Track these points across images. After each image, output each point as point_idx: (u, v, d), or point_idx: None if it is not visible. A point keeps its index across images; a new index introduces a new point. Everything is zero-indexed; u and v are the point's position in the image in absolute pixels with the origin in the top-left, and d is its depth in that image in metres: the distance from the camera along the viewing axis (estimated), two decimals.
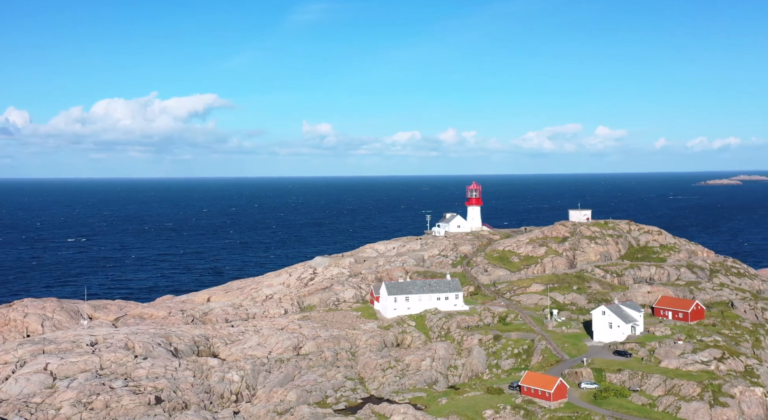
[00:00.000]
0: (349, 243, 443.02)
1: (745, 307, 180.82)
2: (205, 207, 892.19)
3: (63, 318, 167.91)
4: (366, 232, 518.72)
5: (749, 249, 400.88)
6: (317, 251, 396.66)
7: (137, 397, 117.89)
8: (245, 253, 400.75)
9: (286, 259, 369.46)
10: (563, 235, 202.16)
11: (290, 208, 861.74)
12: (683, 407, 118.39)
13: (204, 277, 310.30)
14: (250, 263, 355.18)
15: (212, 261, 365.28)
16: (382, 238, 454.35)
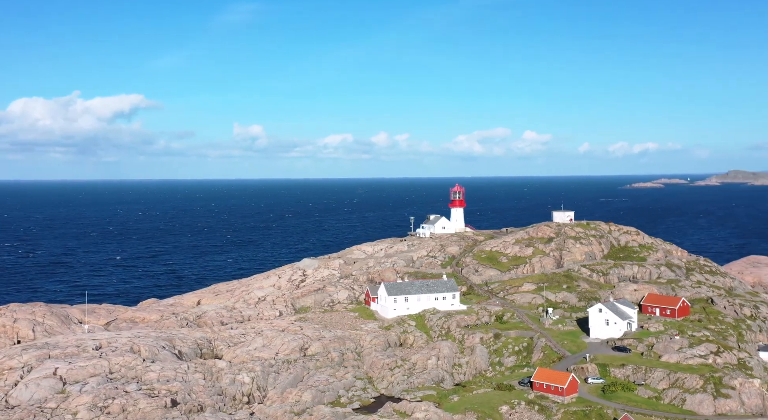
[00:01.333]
0: (304, 245, 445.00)
1: (725, 304, 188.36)
2: (140, 210, 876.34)
3: (54, 323, 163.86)
4: (319, 235, 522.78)
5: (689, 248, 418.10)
6: (277, 254, 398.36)
7: (153, 401, 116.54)
8: (201, 256, 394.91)
9: (247, 262, 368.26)
10: (548, 235, 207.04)
11: (233, 211, 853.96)
12: (688, 399, 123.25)
13: (166, 281, 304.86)
14: (208, 267, 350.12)
15: (169, 265, 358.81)
16: (337, 240, 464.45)
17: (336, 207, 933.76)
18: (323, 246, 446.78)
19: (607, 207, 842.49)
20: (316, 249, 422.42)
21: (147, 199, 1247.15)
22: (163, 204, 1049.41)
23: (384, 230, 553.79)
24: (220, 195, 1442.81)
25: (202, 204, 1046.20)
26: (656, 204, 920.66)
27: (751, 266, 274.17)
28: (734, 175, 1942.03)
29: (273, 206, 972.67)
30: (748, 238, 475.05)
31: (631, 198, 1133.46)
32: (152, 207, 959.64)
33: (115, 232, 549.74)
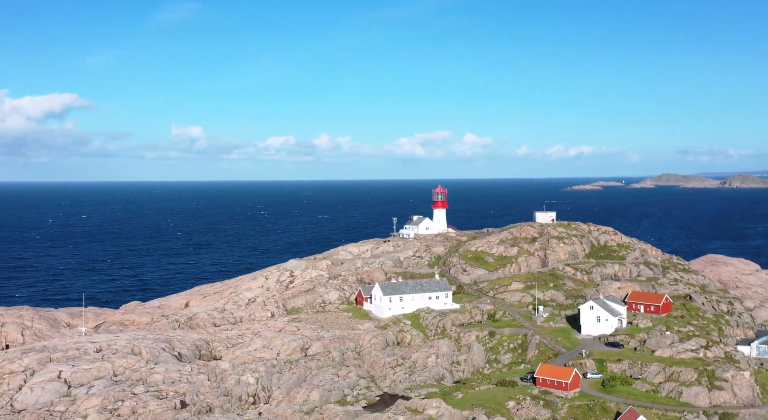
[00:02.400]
0: (265, 247, 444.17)
1: (702, 300, 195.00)
2: (84, 213, 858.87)
3: (43, 326, 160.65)
4: (276, 237, 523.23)
5: None
6: (239, 256, 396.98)
7: (162, 402, 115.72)
8: (161, 259, 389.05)
9: (210, 265, 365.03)
10: (532, 235, 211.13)
11: (182, 213, 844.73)
12: (684, 392, 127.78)
13: (131, 285, 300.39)
14: (171, 271, 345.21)
15: (129, 268, 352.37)
16: (297, 241, 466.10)
17: (288, 209, 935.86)
18: (286, 247, 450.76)
19: (553, 209, 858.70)
20: (279, 251, 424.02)
21: (85, 201, 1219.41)
22: (105, 206, 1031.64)
23: (345, 231, 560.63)
24: (162, 197, 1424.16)
25: (147, 206, 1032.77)
26: (598, 206, 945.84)
27: (710, 265, 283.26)
28: (667, 178, 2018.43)
29: (221, 208, 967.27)
30: (692, 239, 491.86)
31: (573, 200, 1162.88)
32: (95, 209, 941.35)
33: (61, 235, 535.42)
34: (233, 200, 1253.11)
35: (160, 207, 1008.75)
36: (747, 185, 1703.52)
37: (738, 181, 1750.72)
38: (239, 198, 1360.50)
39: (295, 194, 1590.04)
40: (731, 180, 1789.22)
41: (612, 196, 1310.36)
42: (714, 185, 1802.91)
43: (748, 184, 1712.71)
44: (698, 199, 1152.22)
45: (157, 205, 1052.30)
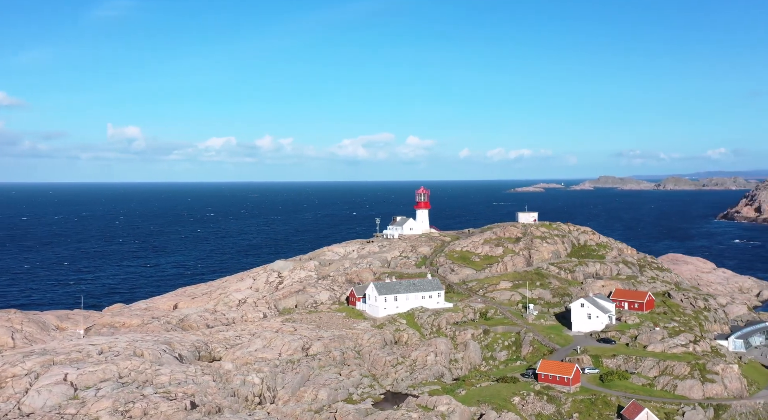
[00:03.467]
0: (224, 249, 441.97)
1: (681, 297, 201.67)
2: (24, 215, 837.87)
3: (33, 330, 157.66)
4: (234, 239, 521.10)
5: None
6: (203, 259, 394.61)
7: (173, 403, 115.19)
8: (121, 262, 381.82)
9: (174, 268, 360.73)
10: (516, 235, 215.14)
11: (128, 215, 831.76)
12: (679, 385, 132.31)
13: (96, 288, 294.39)
14: (133, 274, 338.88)
15: (90, 272, 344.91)
16: (257, 243, 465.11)
17: (237, 210, 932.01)
18: (248, 249, 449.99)
19: (501, 210, 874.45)
20: (240, 253, 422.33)
21: (20, 203, 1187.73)
22: (44, 208, 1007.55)
23: (303, 233, 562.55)
24: (103, 199, 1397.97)
25: (89, 208, 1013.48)
26: (544, 207, 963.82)
27: (672, 264, 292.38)
28: (605, 180, 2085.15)
29: (167, 210, 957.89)
30: (640, 239, 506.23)
31: (518, 201, 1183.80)
32: (34, 212, 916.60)
33: (7, 239, 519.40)
34: (177, 202, 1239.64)
35: (104, 209, 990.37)
36: (680, 187, 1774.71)
37: (671, 184, 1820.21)
38: (182, 200, 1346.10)
39: (241, 196, 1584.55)
40: (665, 182, 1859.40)
41: (555, 198, 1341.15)
42: (649, 187, 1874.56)
43: (680, 186, 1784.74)
44: (638, 201, 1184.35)
45: (99, 208, 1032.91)
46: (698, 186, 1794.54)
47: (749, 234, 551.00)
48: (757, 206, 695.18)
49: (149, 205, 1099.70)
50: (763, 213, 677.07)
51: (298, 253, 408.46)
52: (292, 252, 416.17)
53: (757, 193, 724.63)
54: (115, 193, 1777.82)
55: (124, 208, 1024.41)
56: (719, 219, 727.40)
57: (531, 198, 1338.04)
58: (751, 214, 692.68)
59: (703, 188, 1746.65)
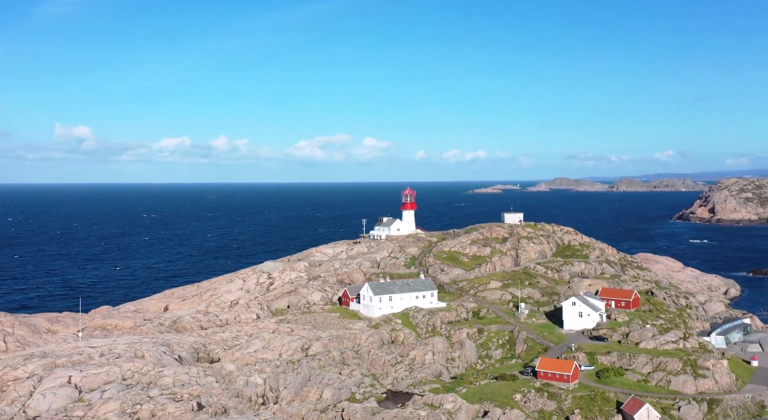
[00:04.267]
0: (188, 251, 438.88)
1: (663, 295, 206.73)
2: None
3: (25, 332, 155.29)
4: (199, 241, 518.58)
5: None
6: (168, 261, 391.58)
7: (180, 404, 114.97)
8: (85, 265, 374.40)
9: (143, 270, 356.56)
10: (503, 235, 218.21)
11: (85, 217, 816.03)
12: (673, 380, 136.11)
13: (60, 292, 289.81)
14: (103, 276, 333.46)
15: (55, 275, 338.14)
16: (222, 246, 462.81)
17: (198, 212, 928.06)
18: (217, 250, 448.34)
19: (464, 211, 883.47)
20: (210, 254, 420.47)
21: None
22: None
23: (270, 234, 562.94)
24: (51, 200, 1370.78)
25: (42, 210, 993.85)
26: (504, 208, 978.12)
27: (644, 263, 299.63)
28: (559, 181, 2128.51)
29: (125, 211, 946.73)
30: (605, 240, 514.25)
31: (479, 202, 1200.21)
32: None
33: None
34: (133, 203, 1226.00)
35: (60, 210, 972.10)
36: (632, 189, 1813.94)
37: (624, 185, 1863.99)
38: (138, 201, 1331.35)
39: (199, 197, 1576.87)
40: (618, 184, 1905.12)
41: (513, 199, 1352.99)
42: (603, 189, 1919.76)
43: (633, 188, 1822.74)
44: (595, 202, 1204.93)
45: (55, 209, 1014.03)
46: (649, 187, 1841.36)
47: (705, 234, 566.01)
48: (711, 207, 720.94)
49: (104, 207, 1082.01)
50: (717, 214, 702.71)
51: (268, 254, 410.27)
52: (261, 254, 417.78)
53: (710, 194, 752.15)
54: (66, 195, 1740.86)
55: (79, 210, 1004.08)
56: (675, 219, 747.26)
57: (490, 199, 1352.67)
58: (705, 214, 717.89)
59: (655, 189, 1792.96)
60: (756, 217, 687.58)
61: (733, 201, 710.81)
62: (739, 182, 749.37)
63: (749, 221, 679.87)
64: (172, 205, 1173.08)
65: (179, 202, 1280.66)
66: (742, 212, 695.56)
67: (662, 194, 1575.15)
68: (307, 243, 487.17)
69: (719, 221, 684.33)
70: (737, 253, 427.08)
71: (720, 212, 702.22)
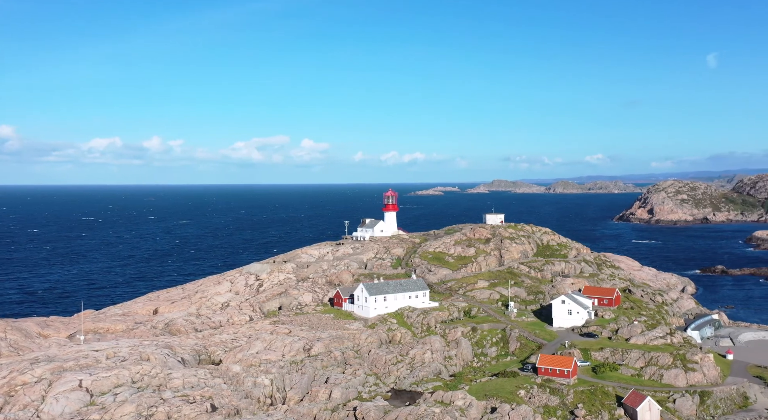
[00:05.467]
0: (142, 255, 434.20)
1: (641, 293, 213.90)
2: None
3: (18, 337, 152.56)
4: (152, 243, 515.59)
5: None
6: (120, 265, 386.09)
7: (194, 406, 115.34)
8: (34, 270, 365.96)
9: (98, 274, 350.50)
10: (485, 236, 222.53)
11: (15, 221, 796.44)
12: (665, 374, 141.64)
13: (18, 297, 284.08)
14: (56, 282, 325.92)
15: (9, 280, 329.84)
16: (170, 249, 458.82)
17: (139, 215, 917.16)
18: (173, 252, 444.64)
19: (412, 213, 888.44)
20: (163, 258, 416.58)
21: None
22: None
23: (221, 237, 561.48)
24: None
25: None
26: (450, 210, 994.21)
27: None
28: (498, 183, 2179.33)
29: (59, 214, 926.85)
30: None
31: (423, 204, 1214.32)
32: None
33: None
34: (66, 206, 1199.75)
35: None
36: (568, 191, 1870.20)
37: (560, 187, 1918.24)
38: (71, 204, 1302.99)
39: (135, 199, 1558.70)
40: (555, 186, 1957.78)
41: (455, 201, 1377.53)
42: (540, 190, 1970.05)
43: (569, 190, 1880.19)
44: (535, 204, 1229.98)
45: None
46: (584, 189, 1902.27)
47: (646, 234, 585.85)
48: (650, 208, 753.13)
49: (36, 210, 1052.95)
50: (655, 215, 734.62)
51: (226, 258, 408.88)
52: (219, 257, 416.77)
53: (648, 196, 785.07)
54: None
55: (12, 212, 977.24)
56: (616, 220, 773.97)
57: (433, 201, 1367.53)
58: (644, 215, 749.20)
59: (589, 191, 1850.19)
60: (691, 218, 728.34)
61: (670, 202, 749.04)
62: (675, 184, 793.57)
63: (685, 222, 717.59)
64: (110, 207, 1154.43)
65: (118, 204, 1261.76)
66: (679, 213, 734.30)
67: (597, 196, 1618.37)
68: (263, 245, 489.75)
69: (658, 222, 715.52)
70: (681, 253, 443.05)
71: (658, 213, 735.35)
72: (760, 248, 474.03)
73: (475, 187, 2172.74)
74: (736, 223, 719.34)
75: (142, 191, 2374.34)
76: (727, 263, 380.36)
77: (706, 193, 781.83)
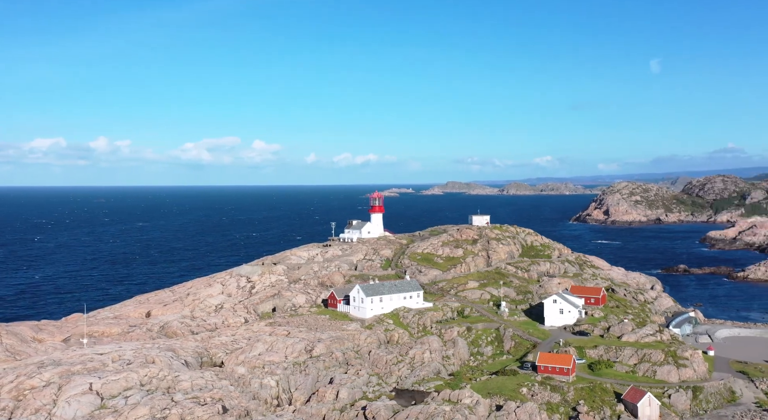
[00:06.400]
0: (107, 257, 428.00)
1: (623, 292, 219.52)
2: None
3: (14, 341, 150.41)
4: (113, 245, 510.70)
5: None
6: (76, 268, 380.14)
7: (206, 408, 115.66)
8: (10, 274, 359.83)
9: (63, 277, 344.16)
10: (472, 237, 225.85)
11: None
12: (658, 371, 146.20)
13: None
14: (29, 286, 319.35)
15: None
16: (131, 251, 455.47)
17: (93, 217, 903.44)
18: (138, 254, 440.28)
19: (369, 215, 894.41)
20: (126, 261, 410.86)
21: None
22: None
23: (184, 240, 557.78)
24: None
25: None
26: (410, 211, 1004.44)
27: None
28: (452, 185, 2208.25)
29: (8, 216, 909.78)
30: None
31: (383, 206, 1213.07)
32: None
33: None
34: (11, 208, 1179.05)
35: None
36: (521, 192, 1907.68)
37: (513, 189, 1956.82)
38: (16, 206, 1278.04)
39: (84, 201, 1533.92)
40: (508, 187, 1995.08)
41: (412, 202, 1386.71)
42: (493, 192, 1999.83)
43: (521, 192, 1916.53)
44: (490, 205, 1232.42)
45: None
46: (536, 191, 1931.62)
47: (604, 235, 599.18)
48: (605, 209, 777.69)
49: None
50: (611, 216, 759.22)
51: (193, 261, 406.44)
52: (186, 259, 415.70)
53: (604, 197, 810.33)
54: None
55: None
56: (573, 221, 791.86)
57: (390, 202, 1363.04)
58: (600, 216, 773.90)
59: (541, 193, 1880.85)
60: (645, 219, 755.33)
61: (625, 204, 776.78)
62: (629, 186, 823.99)
63: (640, 222, 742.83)
64: (59, 209, 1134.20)
65: (68, 206, 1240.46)
66: (633, 214, 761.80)
67: (549, 197, 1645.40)
68: (229, 247, 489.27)
69: (614, 223, 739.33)
70: (641, 253, 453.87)
71: (614, 214, 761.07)
72: (714, 248, 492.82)
73: (429, 188, 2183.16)
74: (687, 223, 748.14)
75: (89, 193, 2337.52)
76: (686, 263, 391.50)
77: (658, 194, 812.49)
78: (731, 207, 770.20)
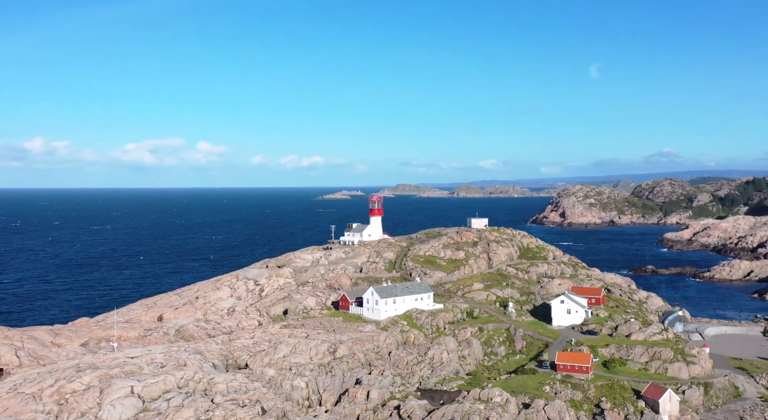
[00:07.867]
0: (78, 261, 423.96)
1: (619, 292, 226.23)
2: None
3: (35, 346, 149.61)
4: (72, 249, 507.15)
5: None
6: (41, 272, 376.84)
7: (247, 410, 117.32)
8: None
9: (35, 284, 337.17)
10: (472, 239, 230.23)
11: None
12: (669, 368, 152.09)
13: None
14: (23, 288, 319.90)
15: None
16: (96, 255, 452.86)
17: (42, 221, 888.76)
18: (103, 256, 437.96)
19: (329, 217, 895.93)
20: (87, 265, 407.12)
21: None
22: None
23: (143, 244, 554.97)
24: None
25: None
26: (360, 212, 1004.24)
27: None
28: (402, 188, 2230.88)
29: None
30: None
31: (337, 208, 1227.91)
32: None
33: None
34: None
35: None
36: (471, 195, 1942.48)
37: (463, 192, 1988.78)
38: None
39: (26, 204, 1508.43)
40: (458, 190, 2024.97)
41: (364, 204, 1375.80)
42: (444, 195, 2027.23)
43: (471, 194, 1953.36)
44: (443, 207, 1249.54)
45: None
46: (485, 193, 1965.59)
47: (563, 237, 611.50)
48: (562, 212, 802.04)
49: None
50: (567, 218, 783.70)
51: (163, 264, 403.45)
52: (157, 263, 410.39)
53: (560, 200, 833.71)
54: None
55: None
56: (530, 223, 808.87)
57: (344, 205, 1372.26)
58: (557, 219, 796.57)
59: (491, 195, 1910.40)
60: (600, 221, 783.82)
61: (580, 206, 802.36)
62: (584, 189, 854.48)
63: (595, 224, 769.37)
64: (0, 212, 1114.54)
65: (8, 209, 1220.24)
66: (588, 216, 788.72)
67: (499, 200, 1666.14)
68: (195, 250, 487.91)
69: (570, 225, 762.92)
70: (604, 254, 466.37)
71: (570, 216, 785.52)
72: (673, 249, 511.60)
73: (379, 190, 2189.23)
74: (639, 225, 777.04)
75: (26, 195, 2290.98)
76: (650, 263, 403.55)
77: (610, 197, 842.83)
78: (680, 209, 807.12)
